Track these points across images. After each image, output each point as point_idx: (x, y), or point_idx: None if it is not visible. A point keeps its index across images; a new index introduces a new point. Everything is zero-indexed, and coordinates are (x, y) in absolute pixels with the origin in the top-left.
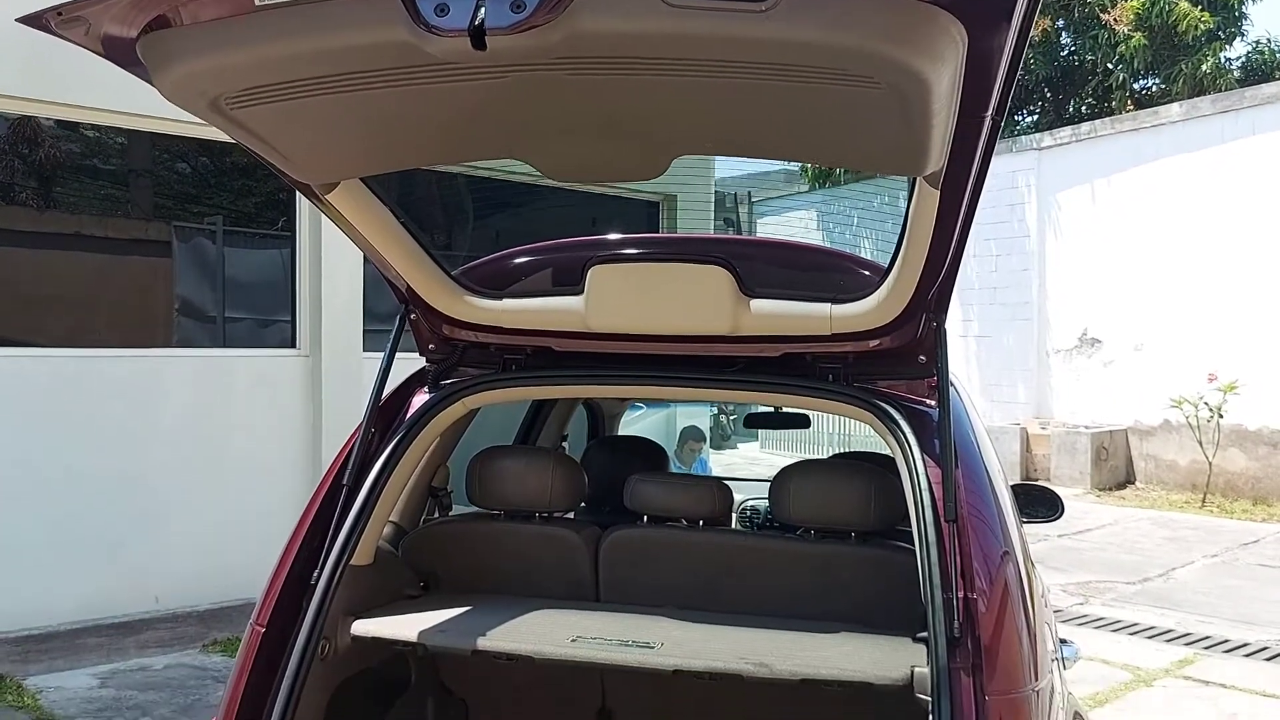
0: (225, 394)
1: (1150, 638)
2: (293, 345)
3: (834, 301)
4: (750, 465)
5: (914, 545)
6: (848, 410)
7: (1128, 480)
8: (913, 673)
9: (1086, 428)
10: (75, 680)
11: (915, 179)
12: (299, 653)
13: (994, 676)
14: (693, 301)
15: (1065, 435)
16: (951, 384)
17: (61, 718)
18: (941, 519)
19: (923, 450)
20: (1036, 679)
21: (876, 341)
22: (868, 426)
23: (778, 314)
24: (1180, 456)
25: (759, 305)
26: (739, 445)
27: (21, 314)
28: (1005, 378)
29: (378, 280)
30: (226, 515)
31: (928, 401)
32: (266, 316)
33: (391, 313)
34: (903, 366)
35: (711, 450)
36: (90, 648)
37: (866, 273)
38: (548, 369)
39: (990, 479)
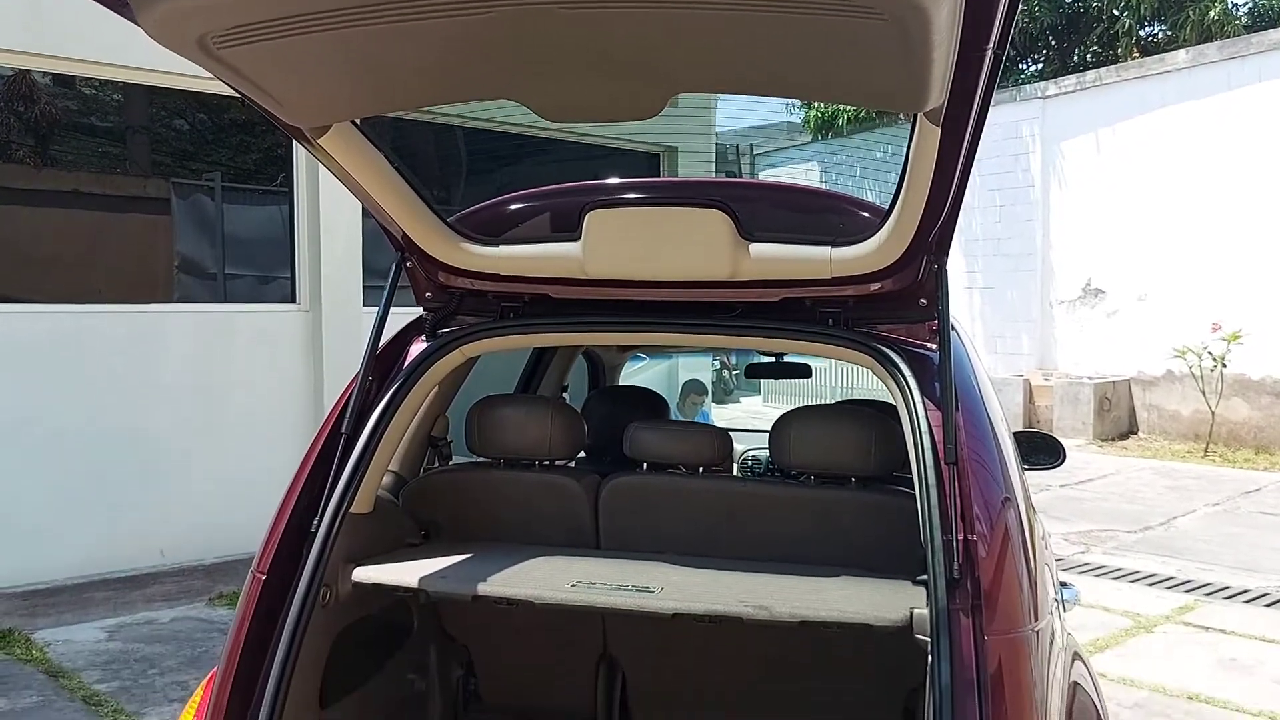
0: (225, 349)
1: (1151, 585)
2: (292, 300)
3: (834, 244)
4: (753, 419)
5: (914, 489)
6: (848, 355)
7: (1130, 431)
8: (912, 614)
9: (1089, 378)
10: (83, 633)
11: (916, 116)
12: (300, 599)
13: (993, 617)
14: (691, 246)
15: (1068, 386)
16: (953, 328)
17: (70, 670)
18: (942, 462)
19: (923, 393)
20: (1036, 619)
21: (877, 285)
22: (871, 378)
23: (777, 258)
24: (1183, 406)
25: (758, 249)
26: (742, 399)
27: (20, 272)
28: (1009, 329)
29: (376, 235)
30: (229, 470)
31: (928, 345)
32: (267, 273)
33: (385, 266)
34: (903, 310)
35: (714, 404)
36: (97, 601)
37: (867, 215)
38: (545, 316)
39: (991, 422)
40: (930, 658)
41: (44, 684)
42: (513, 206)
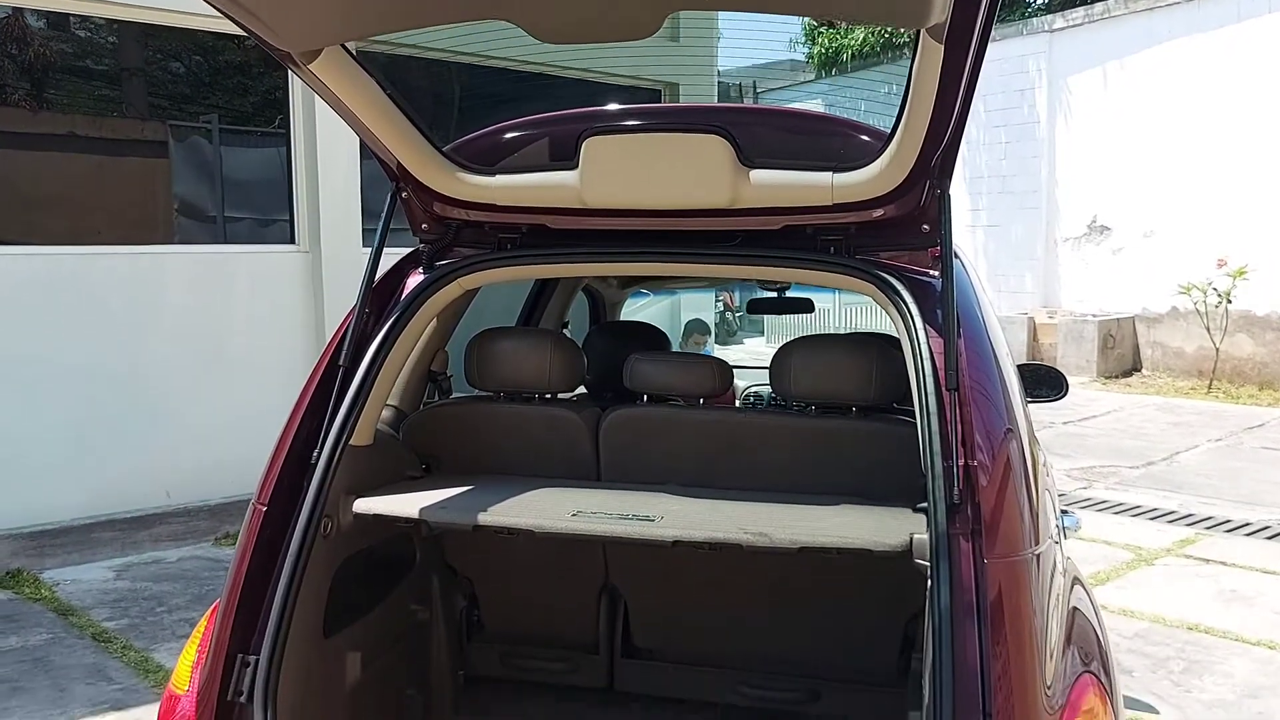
0: (226, 291)
1: (1153, 519)
2: (291, 241)
3: (835, 170)
4: (756, 360)
5: (915, 418)
6: (849, 282)
7: (1134, 368)
8: (911, 539)
9: (1094, 316)
10: (90, 573)
11: (918, 35)
12: (301, 530)
13: (993, 542)
14: (690, 173)
15: (1072, 324)
16: (955, 255)
17: (79, 609)
18: (943, 388)
19: (925, 320)
20: (1036, 544)
21: (879, 211)
22: (875, 319)
23: (778, 184)
24: (1187, 343)
25: (758, 176)
26: (745, 340)
27: (18, 214)
28: (1013, 268)
29: (374, 177)
30: (233, 411)
31: (930, 272)
32: (266, 215)
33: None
34: (905, 236)
35: (717, 346)
36: (104, 542)
37: (868, 139)
38: (543, 248)
39: (993, 349)
40: (930, 582)
41: (53, 622)
42: (509, 135)
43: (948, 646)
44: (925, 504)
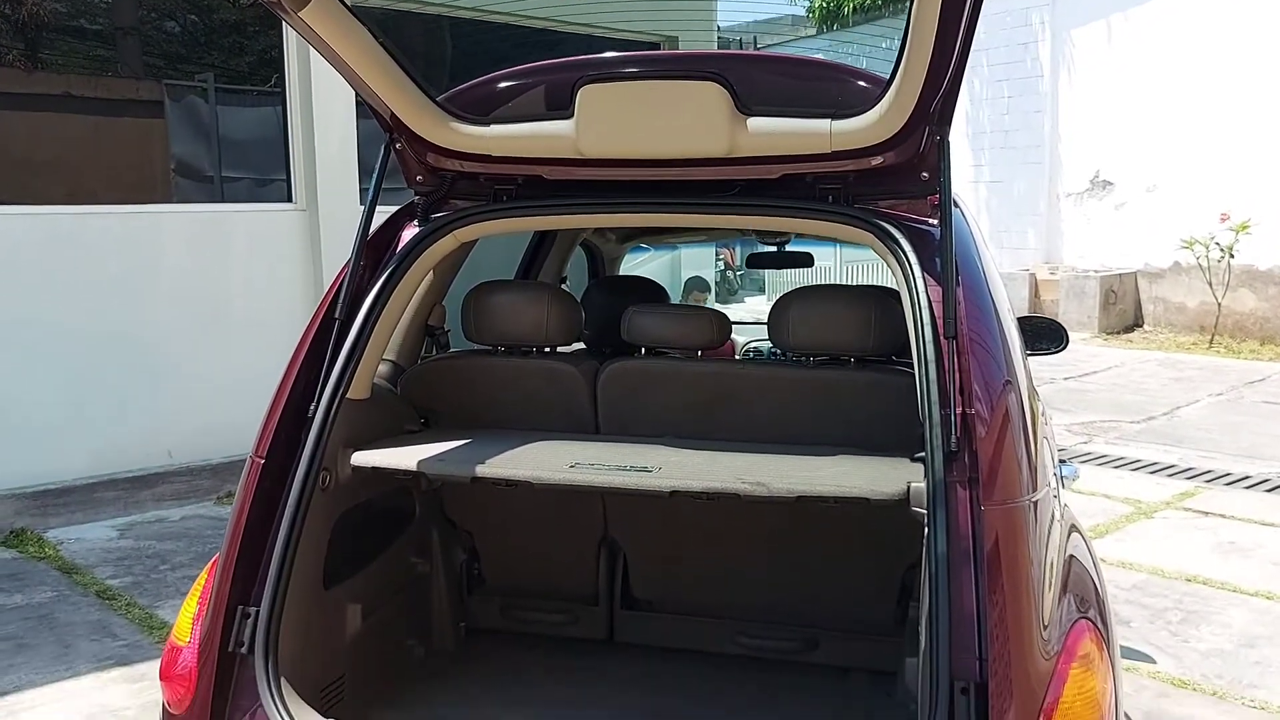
0: (224, 250)
1: (1153, 473)
2: (289, 200)
3: (834, 117)
4: (756, 317)
5: (914, 369)
6: (848, 232)
7: (1136, 324)
8: (909, 488)
9: (1095, 272)
10: (94, 532)
11: None
12: (299, 483)
13: (990, 489)
14: (687, 121)
15: (1074, 280)
16: (955, 204)
17: (83, 567)
18: (941, 336)
19: (923, 268)
20: (1034, 491)
21: (878, 158)
22: (878, 275)
23: (776, 132)
24: (1189, 298)
25: (756, 123)
26: (746, 299)
27: (14, 175)
28: (1015, 224)
29: (370, 137)
30: (233, 370)
31: (930, 221)
32: (263, 175)
33: (392, 165)
34: (904, 184)
35: (717, 304)
36: (107, 501)
37: (867, 85)
38: (539, 199)
39: (992, 298)
40: (927, 530)
41: (58, 580)
42: (503, 84)
43: (944, 592)
44: (923, 453)
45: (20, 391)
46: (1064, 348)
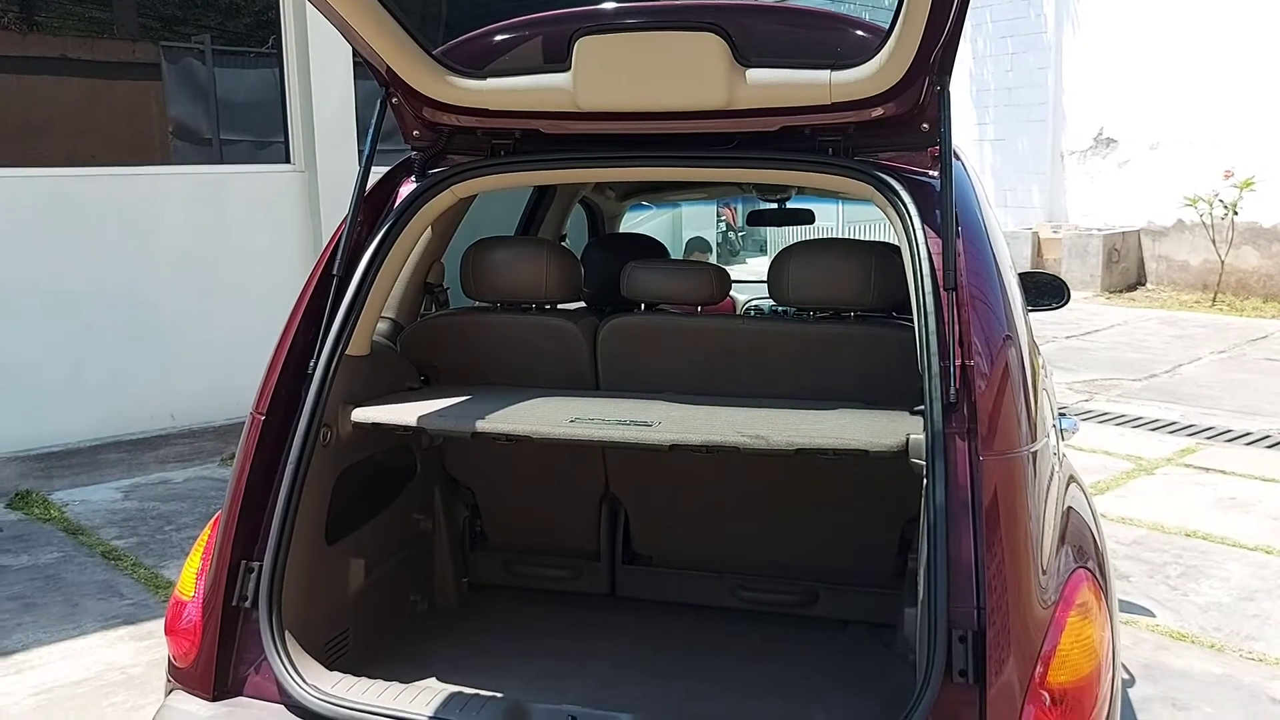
0: (223, 212)
1: (1154, 430)
2: (287, 161)
3: (833, 68)
4: (757, 276)
5: (914, 323)
6: (848, 184)
7: (1138, 282)
8: (908, 440)
9: (1098, 230)
10: (98, 494)
11: None
12: (300, 438)
13: (989, 440)
14: (686, 73)
15: (1077, 238)
16: (955, 156)
17: (88, 528)
18: (941, 288)
19: (923, 220)
20: (1032, 442)
21: (878, 109)
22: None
23: (775, 83)
24: (1192, 256)
25: (755, 75)
26: (747, 260)
27: (10, 139)
28: (1019, 182)
29: (369, 98)
30: (233, 332)
31: (930, 173)
32: (262, 138)
33: (385, 129)
34: (905, 136)
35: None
36: (111, 463)
37: (866, 35)
38: (537, 153)
39: (993, 250)
40: (925, 481)
41: (64, 541)
42: (499, 36)
43: (942, 542)
44: (922, 406)
45: (22, 354)
46: (1065, 303)
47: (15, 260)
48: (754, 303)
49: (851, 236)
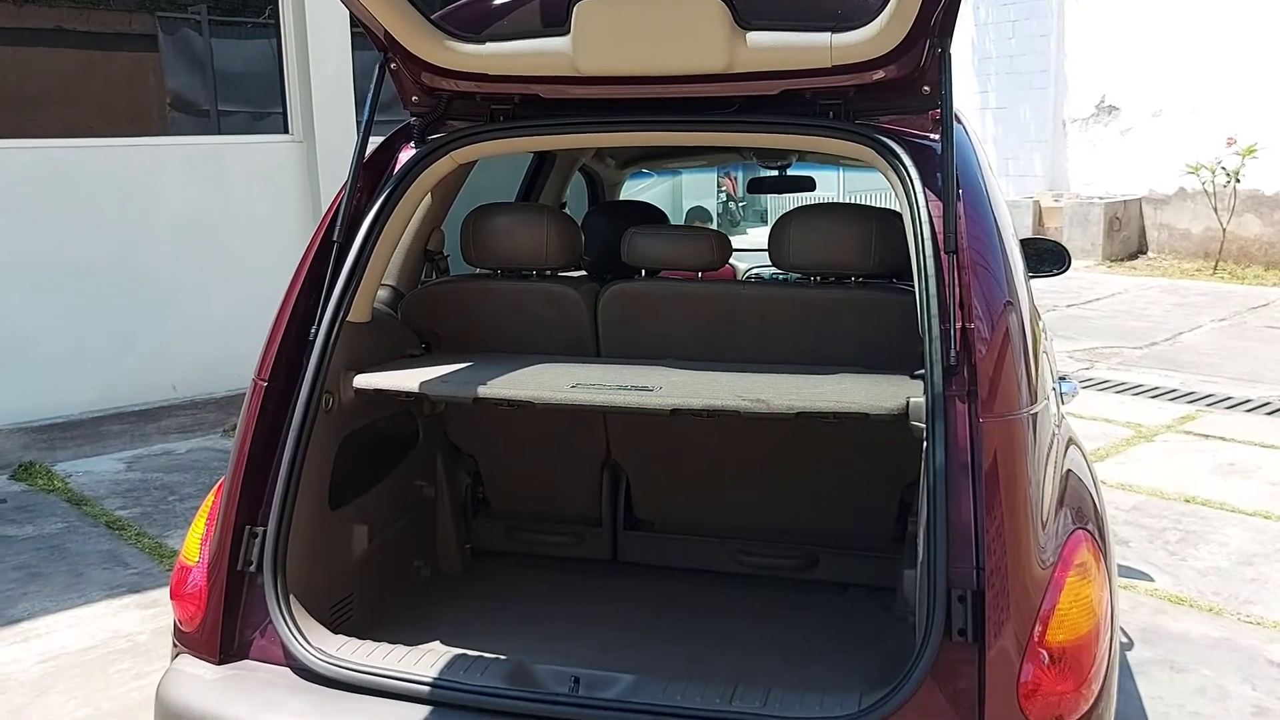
0: (222, 182)
1: (1154, 397)
2: (285, 131)
3: (834, 30)
4: (759, 251)
5: (915, 288)
6: (848, 148)
7: (1140, 250)
8: (908, 403)
9: (1100, 198)
10: (102, 465)
11: None
12: (302, 404)
13: (989, 402)
14: (686, 36)
15: (1078, 207)
16: (957, 120)
17: (92, 498)
18: (941, 250)
19: (924, 183)
20: (1032, 404)
21: (879, 72)
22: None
23: (775, 46)
24: (1194, 225)
25: (755, 38)
26: (748, 230)
27: (7, 109)
28: (1021, 150)
29: (367, 69)
30: (233, 303)
31: (931, 136)
32: (260, 109)
33: (384, 99)
34: (906, 99)
35: None
36: (113, 434)
37: None
38: (537, 119)
39: (994, 213)
40: (925, 443)
41: (68, 511)
42: (497, 0)
43: (942, 503)
44: (923, 370)
45: (23, 326)
46: (1066, 269)
47: (15, 232)
48: (754, 271)
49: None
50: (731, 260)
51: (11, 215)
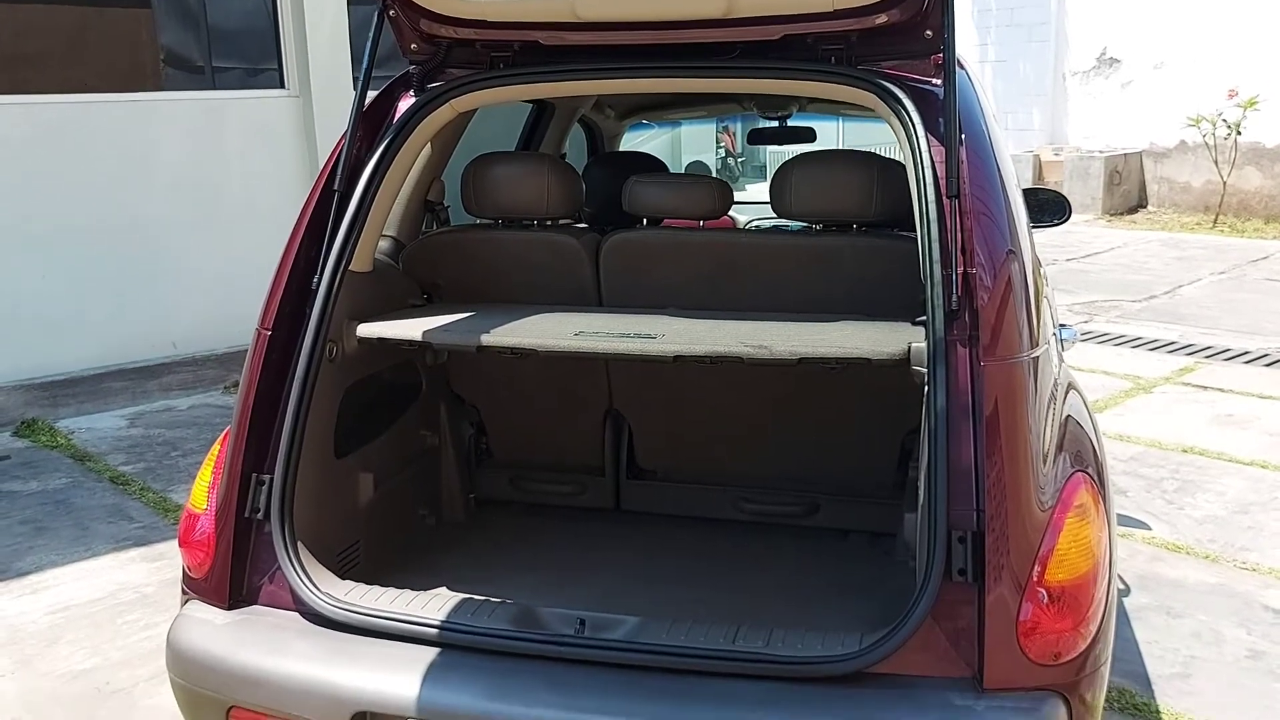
0: (219, 138)
1: (1153, 350)
2: (281, 86)
3: None
4: (759, 204)
5: (916, 234)
6: (850, 93)
7: (1140, 204)
8: (910, 348)
9: (1100, 152)
10: (104, 421)
11: None
12: (306, 353)
13: (990, 346)
14: None
15: (1078, 160)
16: (960, 65)
17: (96, 454)
18: (944, 195)
19: (926, 128)
20: (1033, 348)
21: (881, 16)
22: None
23: None
24: (1194, 178)
25: None
26: (747, 186)
27: (2, 66)
28: (1020, 104)
29: (363, 23)
30: (232, 260)
31: (933, 81)
32: (255, 65)
33: (382, 54)
34: (908, 43)
35: None
36: (115, 391)
37: None
38: (536, 66)
39: (996, 159)
40: (926, 387)
41: (71, 467)
42: None
43: (943, 446)
44: (924, 317)
45: (22, 284)
46: (1067, 218)
47: (13, 190)
48: (754, 222)
49: None
50: (731, 213)
51: (8, 173)
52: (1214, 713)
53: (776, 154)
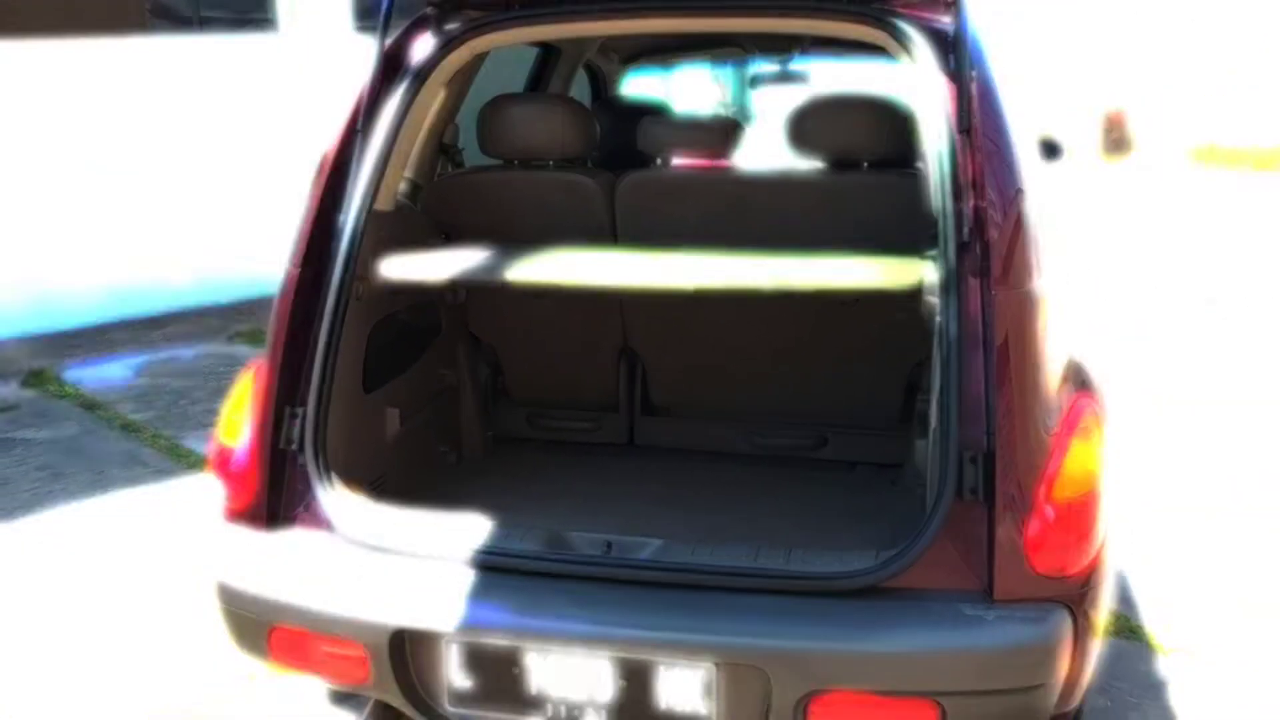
0: (214, 83)
1: None
2: (273, 28)
3: None
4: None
5: (926, 170)
6: (860, 29)
7: None
8: (922, 280)
9: None
10: (111, 371)
11: None
12: (335, 289)
13: (1001, 276)
14: None
15: None
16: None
17: (105, 403)
18: (955, 129)
19: (937, 65)
20: (1041, 278)
21: None
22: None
23: None
24: None
25: None
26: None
27: None
28: None
29: None
30: (231, 208)
31: (943, 19)
32: (243, 15)
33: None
34: None
35: None
36: (120, 342)
37: None
38: (553, 6)
39: (1004, 97)
40: (938, 317)
41: (81, 416)
42: None
43: (955, 371)
44: (934, 251)
45: (21, 234)
46: (1058, 160)
47: (12, 135)
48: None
49: None
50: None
51: (6, 118)
52: None
53: (767, 103)
